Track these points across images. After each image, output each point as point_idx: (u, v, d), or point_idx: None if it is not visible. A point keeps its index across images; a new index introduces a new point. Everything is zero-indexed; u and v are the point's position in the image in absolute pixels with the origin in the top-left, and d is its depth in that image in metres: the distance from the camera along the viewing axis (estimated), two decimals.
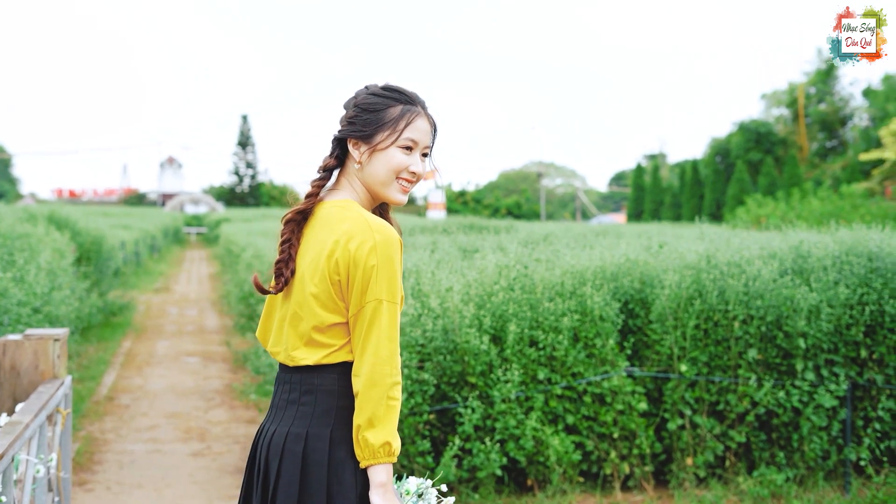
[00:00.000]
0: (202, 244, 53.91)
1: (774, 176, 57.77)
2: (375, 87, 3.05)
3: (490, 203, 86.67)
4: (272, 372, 7.84)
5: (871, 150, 50.77)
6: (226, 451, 8.53)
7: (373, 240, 2.81)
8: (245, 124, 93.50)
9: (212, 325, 17.32)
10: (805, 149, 65.98)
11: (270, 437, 2.95)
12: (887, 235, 8.18)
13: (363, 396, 2.78)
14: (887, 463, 7.70)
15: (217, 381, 11.72)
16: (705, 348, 7.52)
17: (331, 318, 2.86)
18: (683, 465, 7.49)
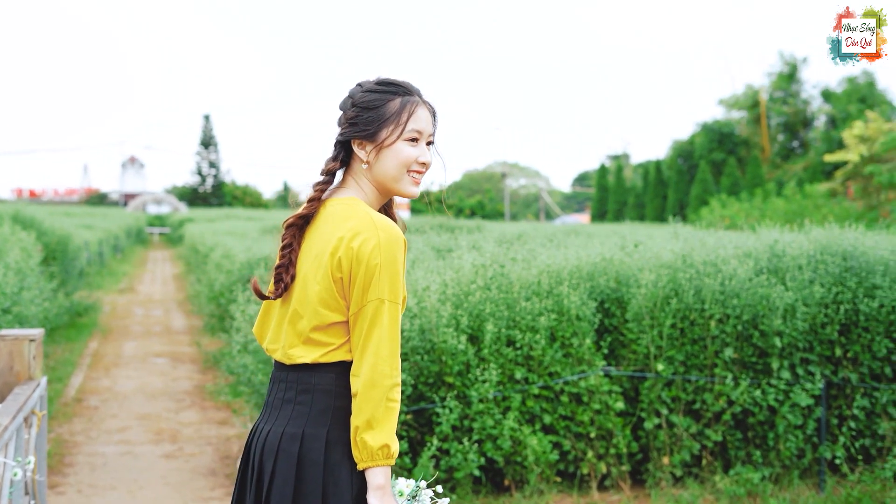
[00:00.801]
0: (165, 244, 53.59)
1: (737, 176, 58.18)
2: (369, 83, 2.99)
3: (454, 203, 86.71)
4: (245, 373, 7.75)
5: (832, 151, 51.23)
6: (198, 452, 8.45)
7: (377, 238, 2.76)
8: (208, 124, 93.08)
9: (179, 326, 17.19)
10: (767, 150, 66.47)
11: (265, 437, 2.90)
12: (861, 234, 8.22)
13: (362, 397, 2.73)
14: (861, 461, 7.73)
15: (187, 382, 11.62)
16: (682, 347, 7.52)
17: (331, 317, 2.82)
18: (660, 464, 7.48)
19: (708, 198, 53.00)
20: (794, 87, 67.96)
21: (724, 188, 56.60)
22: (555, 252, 8.70)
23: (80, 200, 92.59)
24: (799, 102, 67.98)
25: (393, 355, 2.77)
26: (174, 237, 50.57)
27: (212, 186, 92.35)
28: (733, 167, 58.59)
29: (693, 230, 27.08)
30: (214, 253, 14.73)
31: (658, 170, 64.69)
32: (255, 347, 7.62)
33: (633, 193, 67.26)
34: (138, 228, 53.76)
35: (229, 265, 12.46)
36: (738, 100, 69.23)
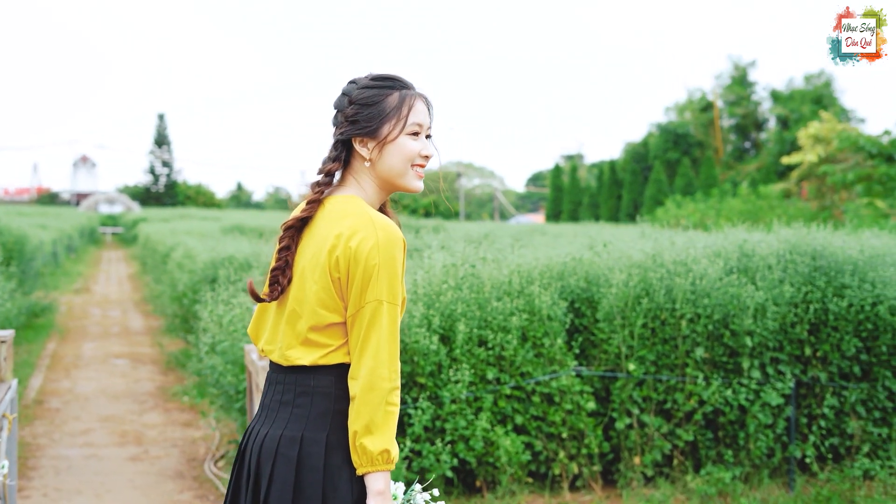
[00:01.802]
0: (119, 244, 53.11)
1: (691, 177, 58.56)
2: (364, 79, 2.92)
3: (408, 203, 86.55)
4: (213, 374, 7.66)
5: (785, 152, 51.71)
6: (164, 455, 8.34)
7: (375, 237, 2.70)
8: (162, 123, 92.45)
9: (137, 327, 17.00)
10: (721, 150, 67.03)
11: (262, 440, 2.83)
12: (829, 234, 8.26)
13: (360, 401, 2.66)
14: (831, 460, 7.77)
15: (148, 384, 11.48)
16: (653, 347, 7.52)
17: (329, 318, 2.75)
18: (631, 464, 7.48)
19: (662, 198, 53.29)
20: (746, 90, 68.70)
21: (678, 188, 56.96)
22: (524, 252, 8.67)
23: (32, 200, 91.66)
24: (750, 104, 68.70)
25: (392, 358, 2.71)
26: (128, 237, 50.14)
27: (165, 186, 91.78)
28: (687, 168, 58.99)
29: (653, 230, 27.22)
30: (175, 253, 14.58)
31: (613, 170, 65.01)
32: (222, 349, 7.53)
33: (588, 193, 67.53)
34: (91, 228, 53.21)
35: (191, 265, 12.34)
36: (692, 102, 69.87)
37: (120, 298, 22.20)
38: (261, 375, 5.23)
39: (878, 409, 7.78)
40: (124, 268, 33.52)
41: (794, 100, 64.00)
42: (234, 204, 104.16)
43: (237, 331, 7.50)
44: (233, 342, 7.45)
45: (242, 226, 20.11)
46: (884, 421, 7.81)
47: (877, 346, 7.68)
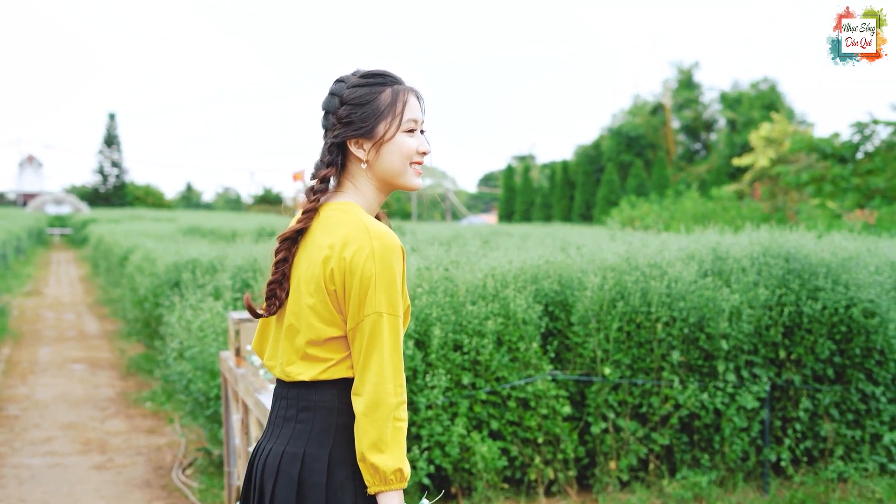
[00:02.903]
0: (67, 245, 52.39)
1: (643, 178, 58.93)
2: (353, 78, 2.78)
3: None
4: (182, 381, 7.51)
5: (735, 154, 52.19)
6: (130, 463, 8.16)
7: (370, 246, 2.57)
8: (112, 123, 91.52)
9: (93, 330, 16.72)
10: (672, 152, 67.53)
11: (266, 457, 2.72)
12: (802, 236, 8.25)
13: (367, 418, 2.54)
14: (805, 463, 7.76)
15: (108, 390, 11.26)
16: (628, 351, 7.46)
17: (328, 332, 2.63)
18: (607, 469, 7.41)
19: (615, 199, 53.59)
20: (693, 92, 69.36)
21: (630, 189, 57.31)
22: (497, 254, 8.58)
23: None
24: (699, 106, 69.35)
25: (396, 372, 2.59)
26: (77, 238, 49.45)
27: (114, 186, 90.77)
28: (639, 169, 59.37)
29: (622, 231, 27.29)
30: (134, 256, 14.32)
31: (565, 171, 65.29)
32: (191, 354, 7.37)
33: (541, 194, 67.76)
34: (39, 229, 52.42)
35: (152, 268, 12.13)
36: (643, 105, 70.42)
37: (73, 301, 21.84)
38: (240, 383, 5.11)
39: (851, 412, 7.78)
40: (75, 270, 33.05)
41: (742, 104, 64.67)
42: (183, 204, 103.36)
43: (206, 336, 7.36)
44: (202, 348, 7.30)
45: (200, 227, 19.85)
46: (857, 423, 7.82)
47: (850, 349, 7.67)
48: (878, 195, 29.52)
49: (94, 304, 20.98)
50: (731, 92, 68.13)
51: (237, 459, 5.59)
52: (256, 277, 8.43)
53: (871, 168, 29.84)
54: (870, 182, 29.72)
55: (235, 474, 5.66)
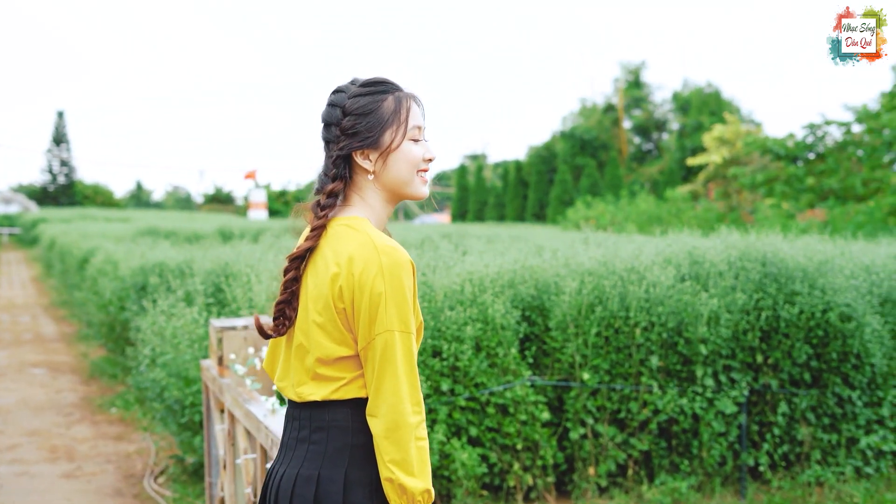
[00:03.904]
0: (16, 245, 51.70)
1: (596, 178, 59.24)
2: (353, 87, 2.67)
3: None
4: (155, 388, 7.36)
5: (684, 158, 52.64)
6: (99, 471, 8.00)
7: (378, 263, 2.48)
8: (61, 121, 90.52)
9: (50, 333, 16.45)
10: (624, 151, 67.94)
11: (279, 480, 2.62)
12: (778, 240, 8.27)
13: (387, 441, 2.46)
14: (782, 468, 7.76)
15: (71, 394, 11.07)
16: (607, 356, 7.42)
17: (338, 351, 2.54)
18: (585, 475, 7.37)
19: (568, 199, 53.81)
20: (643, 91, 69.88)
21: (583, 189, 57.57)
22: (472, 258, 8.50)
23: None
24: (650, 105, 69.87)
25: (413, 390, 2.50)
26: (27, 238, 48.80)
27: (62, 185, 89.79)
28: (593, 169, 59.67)
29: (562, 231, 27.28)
30: (95, 258, 14.08)
31: (518, 170, 65.50)
32: (164, 361, 7.24)
33: (494, 193, 67.91)
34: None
35: (115, 272, 11.93)
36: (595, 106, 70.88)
37: (27, 303, 21.51)
38: (225, 394, 5.00)
39: (827, 416, 7.80)
40: (26, 270, 32.62)
41: (691, 109, 65.32)
42: (133, 203, 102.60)
43: (180, 343, 7.23)
44: (176, 355, 7.17)
45: (158, 229, 19.60)
46: (833, 427, 7.84)
47: (827, 353, 7.69)
48: (831, 196, 29.84)
49: (49, 306, 20.67)
50: (683, 92, 68.70)
51: (220, 470, 5.48)
52: (229, 282, 8.29)
53: (824, 169, 30.16)
54: (823, 183, 30.04)
55: (218, 485, 5.55)
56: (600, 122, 69.44)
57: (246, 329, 5.47)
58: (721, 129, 40.04)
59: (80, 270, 15.93)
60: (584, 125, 68.71)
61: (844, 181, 29.70)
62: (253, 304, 7.28)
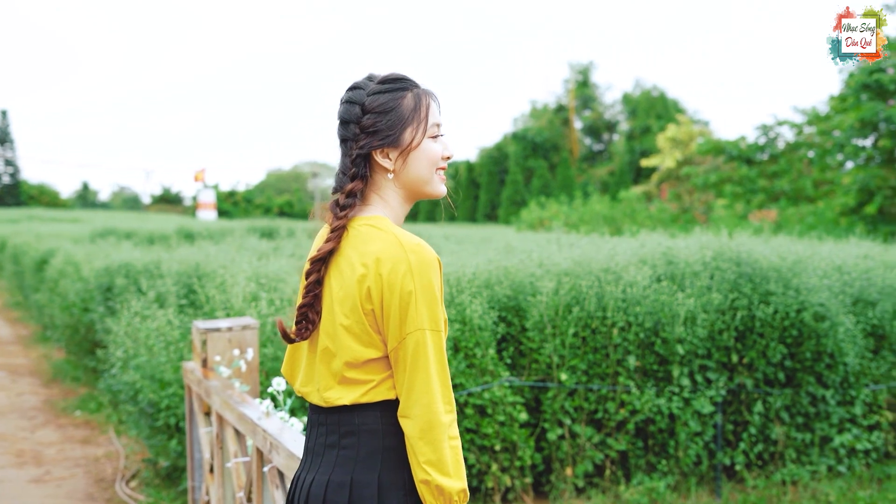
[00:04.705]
0: None
1: (548, 178, 59.49)
2: (372, 84, 2.61)
3: (262, 203, 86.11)
4: (129, 391, 7.24)
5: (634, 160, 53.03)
6: (69, 475, 7.87)
7: (407, 262, 2.42)
8: (4, 120, 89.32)
9: (6, 336, 16.19)
10: (575, 152, 68.27)
11: (308, 487, 2.54)
12: (752, 240, 8.31)
13: (422, 441, 2.40)
14: (757, 466, 7.80)
15: (33, 398, 10.89)
16: (584, 356, 7.42)
17: (366, 353, 2.47)
18: (563, 475, 7.37)
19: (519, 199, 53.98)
20: (592, 91, 70.31)
21: (535, 190, 57.78)
22: (451, 259, 8.46)
23: None
24: (601, 107, 70.30)
25: (445, 388, 2.45)
26: None
27: (7, 185, 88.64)
28: (544, 170, 59.91)
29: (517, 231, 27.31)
30: (55, 259, 13.86)
31: (469, 171, 65.65)
32: (138, 363, 7.12)
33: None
34: None
35: (76, 272, 11.76)
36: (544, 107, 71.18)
37: None
38: (213, 396, 4.92)
39: (801, 415, 7.85)
40: None
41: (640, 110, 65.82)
42: (80, 204, 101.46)
43: (155, 345, 7.12)
44: (150, 357, 7.07)
45: (115, 229, 19.36)
46: (807, 426, 7.89)
47: (801, 353, 7.74)
48: (782, 197, 30.14)
49: (2, 308, 20.35)
50: (633, 94, 69.19)
51: (204, 473, 5.40)
52: (203, 283, 8.20)
53: (776, 170, 30.46)
54: (775, 184, 30.34)
55: (203, 489, 5.47)
56: (551, 122, 69.70)
57: (230, 331, 5.38)
58: (674, 130, 40.33)
59: (37, 272, 15.69)
60: (535, 127, 68.92)
61: (796, 182, 30.03)
62: (230, 306, 7.19)
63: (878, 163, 26.67)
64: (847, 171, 28.12)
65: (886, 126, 25.74)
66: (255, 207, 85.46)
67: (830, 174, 29.29)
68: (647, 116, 64.21)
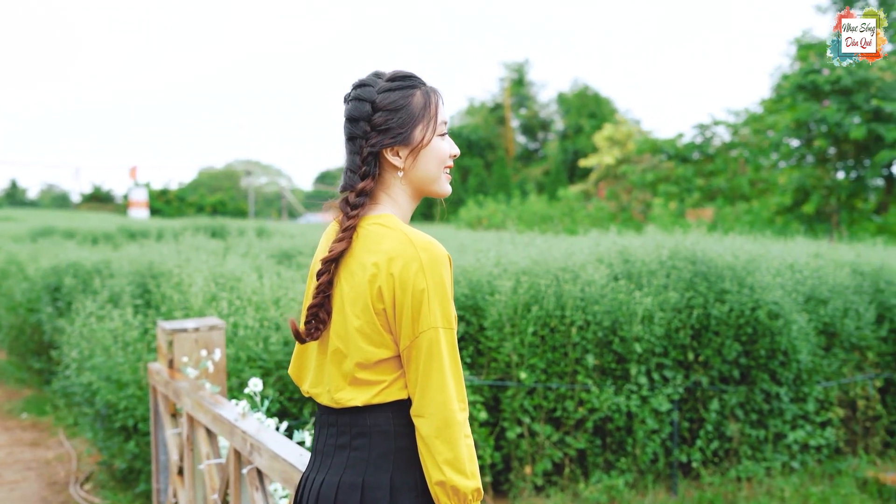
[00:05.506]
0: None
1: (484, 177, 59.62)
2: (381, 82, 2.58)
3: (194, 201, 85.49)
4: (85, 393, 7.14)
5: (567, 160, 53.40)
6: (21, 479, 7.74)
7: (418, 260, 2.40)
8: None
9: None
10: (511, 151, 68.55)
11: (318, 488, 2.52)
12: (707, 239, 8.40)
13: (439, 440, 2.38)
14: (713, 464, 7.88)
15: None
16: (543, 355, 7.44)
17: (377, 354, 2.45)
18: (522, 474, 7.39)
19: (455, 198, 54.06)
20: (527, 89, 70.64)
21: (471, 189, 57.89)
22: None
23: None
24: (535, 105, 70.64)
25: (459, 386, 2.43)
26: None
27: None
28: (480, 168, 60.05)
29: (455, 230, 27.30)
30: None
31: None
32: (94, 364, 7.02)
33: None
34: None
35: (21, 272, 11.56)
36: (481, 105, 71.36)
37: None
38: (184, 397, 4.87)
39: (755, 412, 7.95)
40: None
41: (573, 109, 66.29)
42: (8, 202, 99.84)
43: (111, 346, 7.03)
44: (107, 358, 6.97)
45: (55, 228, 19.04)
46: (761, 423, 7.99)
47: (756, 350, 7.83)
48: (719, 195, 30.53)
49: None
50: (568, 93, 69.62)
51: (171, 476, 5.34)
52: (158, 283, 8.10)
53: (712, 169, 30.85)
54: (711, 182, 30.72)
55: (170, 491, 5.40)
56: (486, 120, 69.89)
57: (197, 331, 5.33)
58: (611, 129, 40.67)
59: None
60: (471, 125, 69.04)
61: (732, 181, 30.44)
62: (188, 306, 7.12)
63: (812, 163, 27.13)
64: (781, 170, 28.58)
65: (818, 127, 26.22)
66: (188, 206, 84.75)
67: (766, 173, 29.74)
68: (579, 115, 64.64)
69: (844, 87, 25.14)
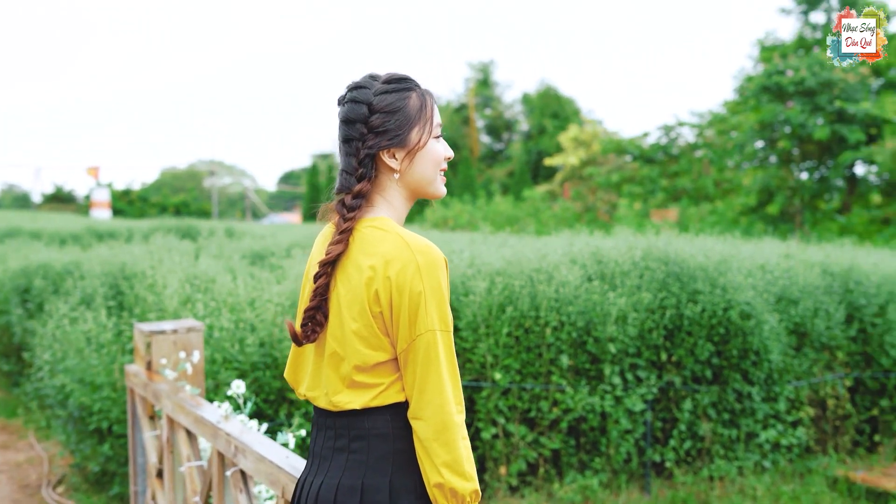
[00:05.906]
0: None
1: (449, 177, 59.60)
2: (377, 84, 2.59)
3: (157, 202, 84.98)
4: (58, 395, 7.09)
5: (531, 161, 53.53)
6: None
7: (415, 263, 2.41)
8: None
9: None
10: (476, 151, 68.60)
11: (317, 491, 2.52)
12: (679, 239, 8.46)
13: (437, 443, 2.40)
14: (686, 463, 7.94)
15: None
16: (518, 355, 7.47)
17: (375, 357, 2.46)
18: (497, 474, 7.41)
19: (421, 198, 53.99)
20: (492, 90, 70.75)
21: None
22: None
23: None
24: (500, 105, 70.75)
25: (456, 388, 2.45)
26: None
27: None
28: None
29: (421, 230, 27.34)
30: None
31: None
32: (67, 366, 6.98)
33: None
34: None
35: None
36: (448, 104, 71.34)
37: None
38: (164, 399, 4.85)
39: (727, 412, 8.01)
40: None
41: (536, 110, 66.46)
42: None
43: (85, 348, 6.99)
44: (81, 360, 6.93)
45: (21, 229, 18.86)
46: (733, 423, 8.05)
47: (728, 350, 7.89)
48: (684, 196, 30.72)
49: None
50: (533, 94, 69.78)
51: (150, 478, 5.32)
52: (133, 284, 8.06)
53: (677, 170, 31.04)
54: (676, 183, 30.91)
55: (148, 494, 5.38)
56: (451, 120, 69.89)
57: (175, 333, 5.31)
58: (576, 129, 40.82)
59: None
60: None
61: (696, 182, 30.64)
62: (163, 308, 7.09)
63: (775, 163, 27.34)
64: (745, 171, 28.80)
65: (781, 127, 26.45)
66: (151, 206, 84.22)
67: (730, 174, 29.96)
68: (542, 116, 64.79)
69: (808, 89, 25.39)
